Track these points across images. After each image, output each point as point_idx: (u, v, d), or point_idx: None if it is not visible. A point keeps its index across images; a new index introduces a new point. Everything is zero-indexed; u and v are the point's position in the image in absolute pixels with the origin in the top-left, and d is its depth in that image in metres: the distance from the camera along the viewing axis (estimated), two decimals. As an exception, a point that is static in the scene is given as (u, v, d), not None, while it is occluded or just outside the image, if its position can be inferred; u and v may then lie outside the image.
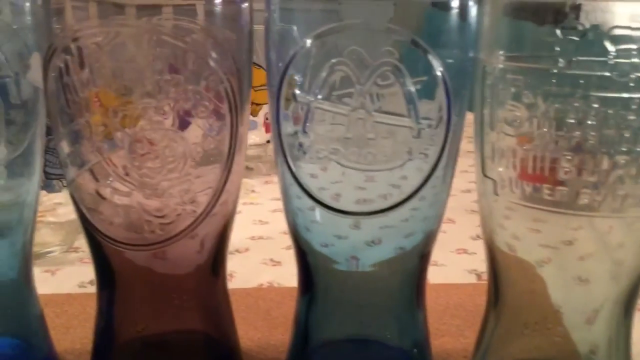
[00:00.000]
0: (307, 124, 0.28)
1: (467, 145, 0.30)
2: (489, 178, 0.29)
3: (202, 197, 0.30)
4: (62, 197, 0.56)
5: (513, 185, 0.27)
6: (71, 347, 0.40)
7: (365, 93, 0.27)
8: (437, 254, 0.34)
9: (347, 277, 0.33)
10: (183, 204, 0.30)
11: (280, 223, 0.67)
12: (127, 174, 0.29)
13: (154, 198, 0.29)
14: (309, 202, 0.30)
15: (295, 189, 0.30)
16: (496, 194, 0.28)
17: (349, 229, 0.30)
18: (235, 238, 0.37)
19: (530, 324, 0.31)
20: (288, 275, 0.54)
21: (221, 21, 0.30)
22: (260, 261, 0.56)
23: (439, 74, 0.27)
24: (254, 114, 0.84)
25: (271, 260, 0.57)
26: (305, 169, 0.29)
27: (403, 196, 0.29)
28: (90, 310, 0.45)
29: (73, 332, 0.42)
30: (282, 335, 0.42)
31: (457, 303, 0.46)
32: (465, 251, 0.59)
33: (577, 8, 0.24)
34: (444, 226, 0.33)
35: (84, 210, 0.31)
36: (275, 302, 0.46)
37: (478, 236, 0.60)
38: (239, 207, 0.34)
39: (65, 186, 0.50)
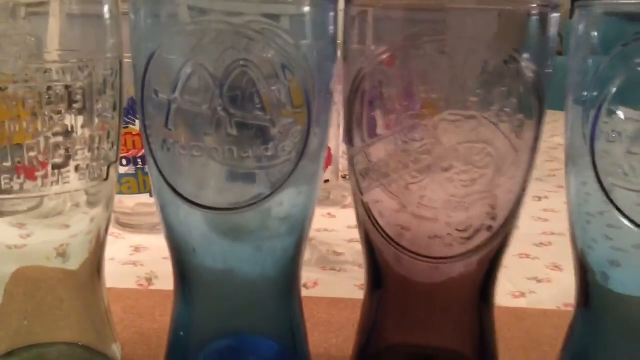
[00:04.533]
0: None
1: None
2: None
3: (502, 210, 0.29)
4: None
5: None
6: (315, 352, 0.40)
7: None
8: None
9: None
10: (485, 218, 0.29)
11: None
12: (436, 187, 0.28)
13: (461, 211, 0.29)
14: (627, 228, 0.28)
15: (598, 207, 0.29)
16: None
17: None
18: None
19: None
20: (502, 294, 0.52)
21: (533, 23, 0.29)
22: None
23: None
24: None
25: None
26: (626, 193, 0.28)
27: None
28: (317, 314, 0.46)
29: (311, 336, 0.42)
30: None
31: None
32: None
33: None
34: None
35: (377, 218, 0.31)
36: (506, 325, 0.45)
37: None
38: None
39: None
